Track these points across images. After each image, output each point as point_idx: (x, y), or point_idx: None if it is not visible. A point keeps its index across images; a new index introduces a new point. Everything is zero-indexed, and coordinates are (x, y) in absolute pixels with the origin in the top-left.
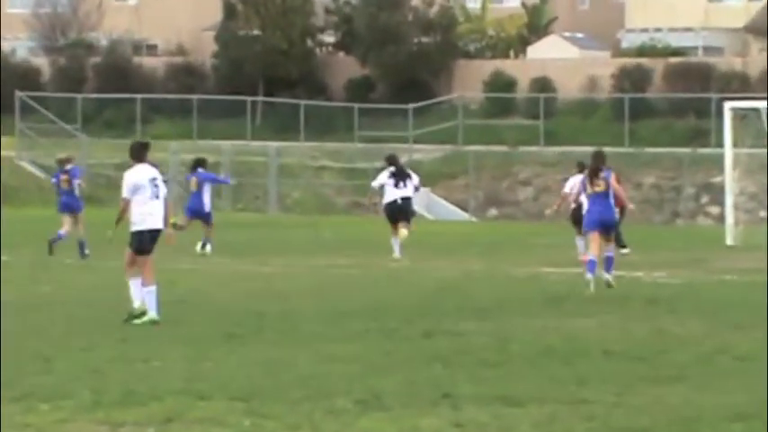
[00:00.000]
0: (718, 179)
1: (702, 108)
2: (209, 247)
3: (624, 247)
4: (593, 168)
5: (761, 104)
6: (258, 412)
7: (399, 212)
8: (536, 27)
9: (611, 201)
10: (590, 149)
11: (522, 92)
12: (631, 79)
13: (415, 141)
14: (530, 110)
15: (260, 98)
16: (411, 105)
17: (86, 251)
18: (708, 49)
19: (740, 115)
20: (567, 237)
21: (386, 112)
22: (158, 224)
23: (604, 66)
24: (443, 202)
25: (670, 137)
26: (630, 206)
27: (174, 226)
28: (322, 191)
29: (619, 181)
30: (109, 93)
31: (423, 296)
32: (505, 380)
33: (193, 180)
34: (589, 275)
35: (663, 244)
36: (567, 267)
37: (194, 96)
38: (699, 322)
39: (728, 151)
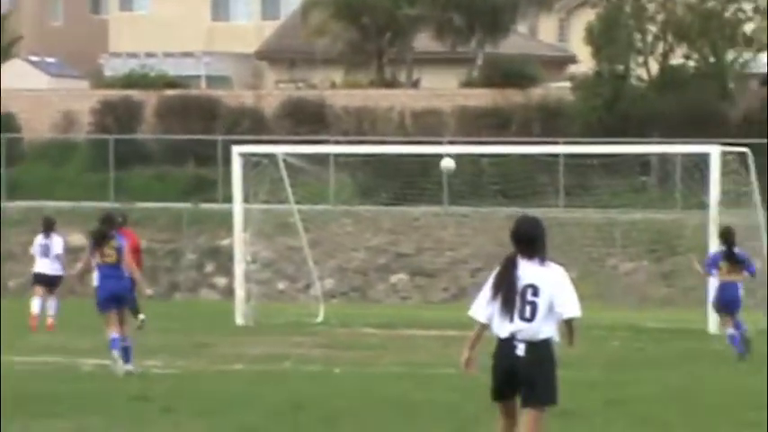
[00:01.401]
0: (226, 242)
1: (206, 153)
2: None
3: (139, 313)
4: (102, 234)
5: (277, 149)
6: None
7: None
8: None
9: (126, 272)
10: (65, 204)
11: None
12: (117, 116)
13: None
14: None
15: None
16: None
17: None
18: (212, 80)
19: (253, 162)
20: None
21: None
22: None
23: (83, 98)
24: None
25: (164, 188)
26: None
27: None
28: None
29: (138, 248)
30: None
31: None
32: None
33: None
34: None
35: (157, 324)
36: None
37: None
38: (200, 425)
39: (238, 207)
